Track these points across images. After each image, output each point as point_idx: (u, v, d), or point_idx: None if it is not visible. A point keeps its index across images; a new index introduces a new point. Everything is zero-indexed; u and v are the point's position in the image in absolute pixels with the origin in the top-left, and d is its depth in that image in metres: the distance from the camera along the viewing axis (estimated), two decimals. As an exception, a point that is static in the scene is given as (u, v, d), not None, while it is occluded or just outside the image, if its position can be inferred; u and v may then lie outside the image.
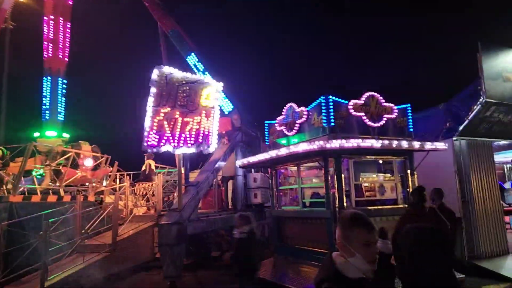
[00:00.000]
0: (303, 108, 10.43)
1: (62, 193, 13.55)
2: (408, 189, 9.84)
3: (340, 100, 9.67)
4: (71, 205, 12.34)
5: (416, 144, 9.47)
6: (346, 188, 9.35)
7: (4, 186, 13.04)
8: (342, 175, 9.27)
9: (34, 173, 13.94)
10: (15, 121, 22.74)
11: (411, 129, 10.34)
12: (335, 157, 9.28)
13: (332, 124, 9.46)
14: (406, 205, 9.70)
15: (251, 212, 13.71)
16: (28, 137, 17.59)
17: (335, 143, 8.67)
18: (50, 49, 18.71)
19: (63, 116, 18.51)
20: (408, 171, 9.96)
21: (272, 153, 10.11)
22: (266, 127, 12.22)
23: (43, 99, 18.41)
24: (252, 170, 14.21)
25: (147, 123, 10.51)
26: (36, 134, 17.55)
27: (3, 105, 19.94)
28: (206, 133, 10.95)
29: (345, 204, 9.16)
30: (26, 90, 24.14)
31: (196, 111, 10.82)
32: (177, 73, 10.82)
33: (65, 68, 19.07)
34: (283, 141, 11.14)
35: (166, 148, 10.57)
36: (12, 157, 14.50)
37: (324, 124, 9.55)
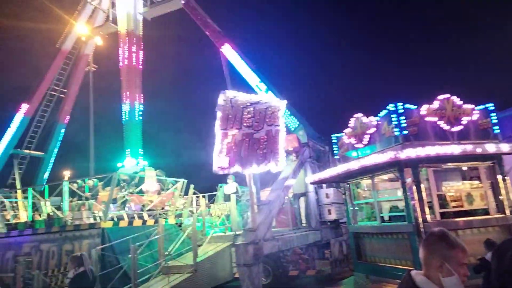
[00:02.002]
0: (371, 118, 10.06)
1: (146, 217, 14.52)
2: (501, 197, 8.86)
3: (410, 106, 9.15)
4: (154, 228, 13.15)
5: (505, 147, 8.53)
6: (427, 200, 8.70)
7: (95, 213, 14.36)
8: (422, 186, 8.66)
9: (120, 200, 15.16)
10: (102, 153, 25.10)
11: (497, 131, 9.36)
12: (412, 167, 8.72)
13: (405, 132, 8.95)
14: (501, 215, 8.75)
15: (326, 228, 13.44)
16: (113, 167, 19.32)
17: (410, 152, 8.17)
18: (127, 86, 20.52)
19: (141, 145, 20.00)
20: (499, 177, 8.99)
21: (343, 167, 9.83)
22: (334, 141, 11.97)
23: (123, 130, 20.13)
24: (324, 185, 13.92)
25: (216, 146, 10.93)
26: (119, 164, 19.17)
27: (91, 140, 22.18)
28: (273, 151, 11.01)
29: (428, 216, 8.51)
30: (109, 124, 26.61)
31: (262, 130, 10.97)
32: (241, 96, 11.14)
33: (141, 100, 20.74)
34: (353, 153, 10.80)
35: (235, 169, 10.82)
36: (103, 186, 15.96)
37: (396, 133, 9.07)
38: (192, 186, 15.79)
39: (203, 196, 16.75)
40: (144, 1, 22.44)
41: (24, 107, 21.73)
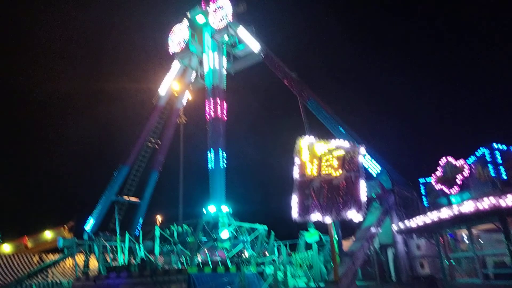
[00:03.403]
0: (462, 161, 9.17)
1: (228, 263, 14.72)
2: None
3: (508, 147, 8.15)
4: (236, 275, 13.22)
5: None
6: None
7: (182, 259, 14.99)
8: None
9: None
10: (189, 198, 26.56)
11: None
12: (516, 217, 7.60)
13: (504, 176, 7.93)
14: None
15: (420, 284, 12.06)
16: (199, 212, 20.28)
17: (513, 200, 7.15)
18: (212, 135, 21.93)
19: (224, 191, 20.74)
20: None
21: (433, 216, 8.96)
22: (421, 186, 11.07)
23: (209, 177, 21.21)
24: (414, 235, 12.72)
25: (294, 192, 10.87)
26: (204, 211, 20.04)
27: (180, 187, 23.74)
28: (354, 198, 10.54)
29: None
30: (197, 171, 28.30)
31: (341, 176, 10.67)
32: (319, 142, 11.10)
33: (224, 148, 21.87)
34: (445, 200, 9.81)
35: (315, 216, 10.56)
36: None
37: (493, 178, 8.08)
38: (272, 233, 15.72)
39: (285, 244, 16.49)
40: (228, 57, 24.37)
41: (125, 157, 24.37)
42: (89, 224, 21.62)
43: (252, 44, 22.20)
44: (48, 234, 25.61)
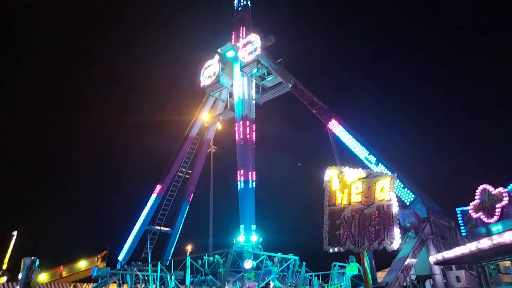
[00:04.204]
0: (501, 189, 8.83)
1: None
2: None
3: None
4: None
5: None
6: None
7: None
8: None
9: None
10: (220, 228, 26.61)
11: None
12: None
13: (547, 204, 7.56)
14: None
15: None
16: (229, 242, 20.26)
17: (558, 229, 6.78)
18: (242, 164, 22.19)
19: (254, 221, 20.70)
20: None
21: (471, 246, 8.59)
22: (459, 215, 10.66)
23: (239, 207, 21.30)
24: (453, 266, 12.12)
25: (324, 222, 10.75)
26: (234, 241, 20.03)
27: (211, 216, 23.90)
28: (387, 227, 10.28)
29: None
30: (227, 200, 28.49)
31: (372, 205, 10.48)
32: (349, 171, 11.04)
33: (254, 178, 22.01)
34: (484, 229, 9.39)
35: (347, 246, 10.35)
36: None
37: (536, 206, 7.72)
38: (304, 264, 15.38)
39: (316, 276, 16.05)
40: (257, 88, 25.01)
41: (158, 187, 24.99)
42: (122, 254, 22.03)
43: (281, 75, 22.74)
44: (82, 264, 26.29)
